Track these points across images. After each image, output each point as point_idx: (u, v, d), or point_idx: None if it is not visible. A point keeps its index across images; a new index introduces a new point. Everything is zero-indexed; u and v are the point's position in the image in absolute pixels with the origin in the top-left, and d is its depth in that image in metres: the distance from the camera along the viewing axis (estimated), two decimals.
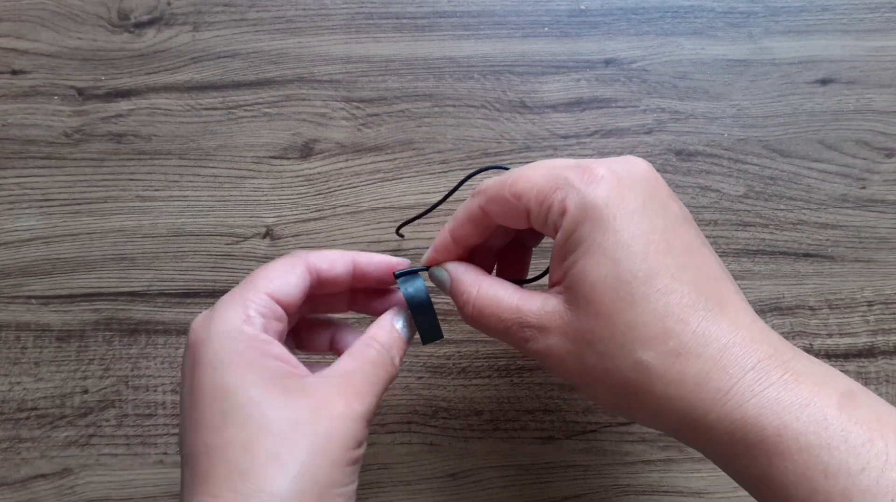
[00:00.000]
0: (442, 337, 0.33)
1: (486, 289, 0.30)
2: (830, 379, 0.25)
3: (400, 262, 0.33)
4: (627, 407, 0.27)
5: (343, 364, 0.29)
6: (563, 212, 0.27)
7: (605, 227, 0.26)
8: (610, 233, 0.26)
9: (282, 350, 0.28)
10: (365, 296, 0.35)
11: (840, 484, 0.22)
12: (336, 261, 0.32)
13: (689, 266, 0.26)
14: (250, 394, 0.26)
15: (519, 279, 0.35)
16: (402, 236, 0.37)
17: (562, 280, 0.28)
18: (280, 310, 0.30)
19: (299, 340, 0.35)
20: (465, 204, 0.31)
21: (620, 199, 0.26)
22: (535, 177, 0.28)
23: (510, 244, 0.35)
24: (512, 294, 0.29)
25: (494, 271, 0.36)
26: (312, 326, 0.35)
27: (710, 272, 0.26)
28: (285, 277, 0.30)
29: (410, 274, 0.32)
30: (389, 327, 0.31)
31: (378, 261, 0.32)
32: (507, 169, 0.34)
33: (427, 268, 0.33)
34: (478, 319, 0.30)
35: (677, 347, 0.25)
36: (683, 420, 0.25)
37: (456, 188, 0.36)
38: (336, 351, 0.35)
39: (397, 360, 0.31)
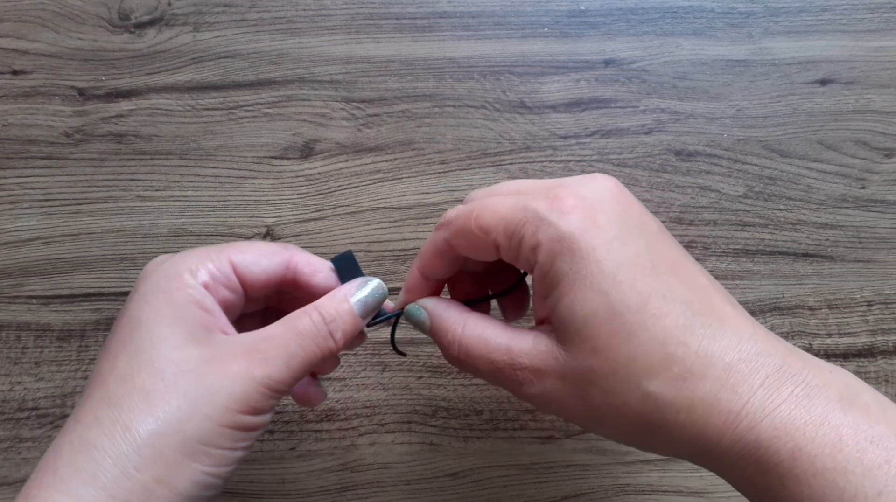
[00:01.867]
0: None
1: (471, 328, 0.28)
2: (844, 389, 0.24)
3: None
4: (640, 440, 0.26)
5: (269, 329, 0.28)
6: (536, 247, 0.25)
7: (586, 258, 0.24)
8: (592, 264, 0.24)
9: (213, 306, 0.28)
10: None
11: None
12: (317, 272, 0.30)
13: (678, 284, 0.25)
14: (154, 331, 0.26)
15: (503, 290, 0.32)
16: (403, 354, 0.36)
17: (549, 317, 0.26)
18: (236, 283, 0.29)
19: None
20: (431, 238, 0.29)
21: (596, 227, 0.25)
22: (501, 209, 0.26)
23: (495, 266, 0.32)
24: (500, 333, 0.27)
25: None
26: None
27: (699, 286, 0.25)
28: (258, 258, 0.29)
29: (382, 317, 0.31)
30: (341, 298, 0.29)
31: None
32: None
33: (401, 313, 0.31)
34: (464, 361, 0.28)
35: (682, 372, 0.24)
36: (696, 446, 0.25)
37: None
38: None
39: (339, 335, 0.29)
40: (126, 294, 0.41)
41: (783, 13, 0.45)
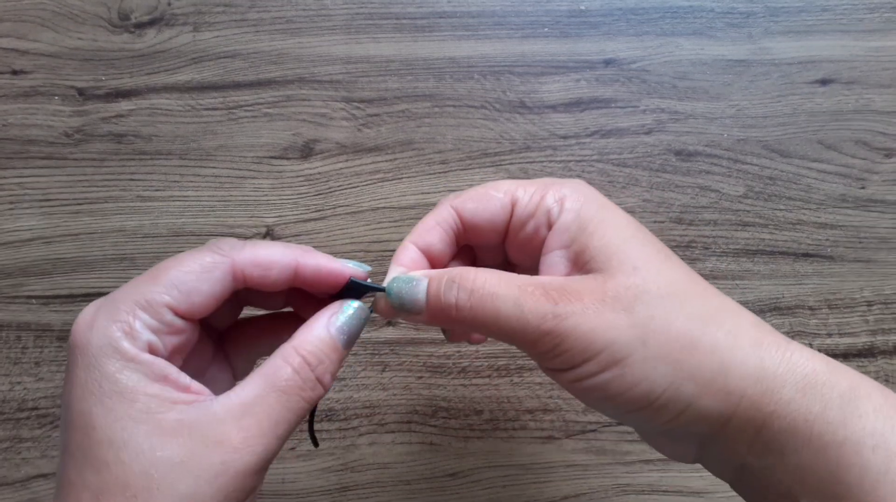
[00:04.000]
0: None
1: (486, 273, 0.25)
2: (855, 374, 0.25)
3: (356, 270, 0.27)
4: (674, 375, 0.23)
5: (246, 390, 0.24)
6: (562, 198, 0.27)
7: (608, 206, 0.27)
8: (615, 209, 0.27)
9: (167, 367, 0.24)
10: (304, 297, 0.29)
11: None
12: (272, 268, 0.26)
13: (670, 256, 0.27)
14: (110, 434, 0.22)
15: None
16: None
17: (574, 263, 0.26)
18: (179, 324, 0.24)
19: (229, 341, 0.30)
20: (433, 210, 0.28)
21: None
22: (517, 180, 0.29)
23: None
24: (521, 275, 0.25)
25: None
26: (242, 327, 0.30)
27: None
28: (196, 285, 0.24)
29: (366, 288, 0.27)
30: (323, 333, 0.25)
31: (327, 268, 0.26)
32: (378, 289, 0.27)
33: (384, 289, 0.27)
34: (481, 308, 0.24)
35: (720, 305, 0.25)
36: (746, 378, 0.23)
37: None
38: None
39: (328, 379, 0.25)
40: None
41: (783, 13, 0.45)
